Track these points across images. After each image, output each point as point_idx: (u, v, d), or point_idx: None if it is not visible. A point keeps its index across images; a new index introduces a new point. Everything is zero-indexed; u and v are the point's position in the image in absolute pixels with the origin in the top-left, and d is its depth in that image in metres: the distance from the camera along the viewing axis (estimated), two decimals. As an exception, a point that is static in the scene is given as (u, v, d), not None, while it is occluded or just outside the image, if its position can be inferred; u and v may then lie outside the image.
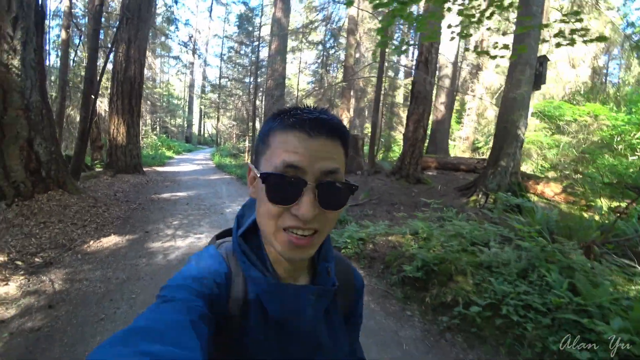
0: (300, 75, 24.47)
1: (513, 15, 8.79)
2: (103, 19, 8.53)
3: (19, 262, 3.27)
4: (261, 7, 23.65)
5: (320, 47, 20.39)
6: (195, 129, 39.30)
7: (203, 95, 34.48)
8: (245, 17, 22.73)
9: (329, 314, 0.63)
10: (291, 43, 21.19)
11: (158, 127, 27.99)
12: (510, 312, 2.57)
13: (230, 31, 29.93)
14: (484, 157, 11.03)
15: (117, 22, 8.14)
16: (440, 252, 3.50)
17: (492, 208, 5.79)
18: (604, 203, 6.73)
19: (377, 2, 2.23)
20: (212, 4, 28.74)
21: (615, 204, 6.51)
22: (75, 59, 11.80)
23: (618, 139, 10.43)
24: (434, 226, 4.16)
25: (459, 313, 2.75)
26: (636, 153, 9.51)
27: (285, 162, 0.48)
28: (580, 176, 9.08)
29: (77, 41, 11.39)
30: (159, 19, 20.28)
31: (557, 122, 11.65)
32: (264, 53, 21.07)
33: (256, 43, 20.45)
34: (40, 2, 4.70)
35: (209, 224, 5.11)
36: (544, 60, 6.93)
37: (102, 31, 11.15)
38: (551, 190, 7.52)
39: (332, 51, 20.45)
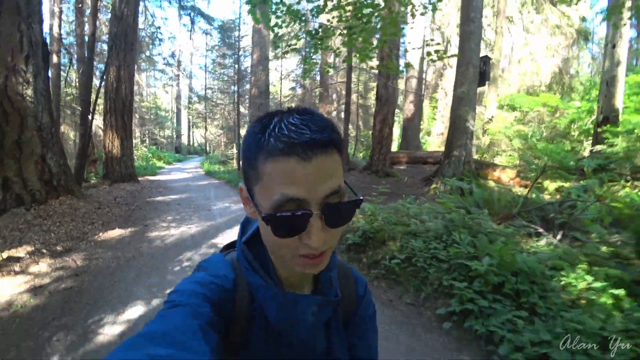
0: (284, 82, 25.37)
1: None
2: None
3: (44, 251, 4.12)
4: (239, 18, 24.41)
5: (301, 53, 21.33)
6: (184, 139, 39.81)
7: (190, 106, 35.23)
8: (227, 29, 23.62)
9: (329, 323, 0.63)
10: (273, 51, 22.12)
11: (147, 140, 28.67)
12: (419, 262, 3.50)
13: (214, 42, 30.73)
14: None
15: (107, 47, 8.95)
16: (380, 224, 4.44)
17: (450, 193, 6.77)
18: (549, 184, 7.75)
19: (288, 49, 3.15)
20: (191, 28, 29.33)
21: (559, 184, 7.53)
22: (67, 79, 12.59)
23: (574, 126, 11.51)
24: (381, 207, 5.10)
25: (385, 266, 3.68)
26: (589, 138, 10.52)
27: (285, 195, 0.45)
28: (536, 161, 10.13)
29: (64, 61, 12.20)
30: (143, 33, 21.06)
31: (519, 113, 12.76)
32: (247, 62, 21.94)
33: (240, 53, 21.24)
34: (45, 40, 5.56)
35: (198, 217, 6.01)
36: (486, 59, 7.95)
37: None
38: (507, 175, 8.56)
39: (312, 57, 21.41)
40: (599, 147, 7.59)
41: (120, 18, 8.63)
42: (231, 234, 5.01)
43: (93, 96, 7.82)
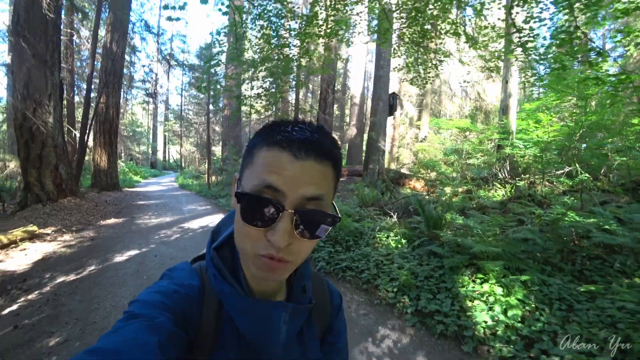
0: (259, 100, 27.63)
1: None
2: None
3: (64, 230, 6.07)
4: (214, 41, 26.76)
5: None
6: (160, 155, 40.91)
7: (167, 123, 36.83)
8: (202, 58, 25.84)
9: (303, 334, 0.62)
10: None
11: (124, 155, 30.03)
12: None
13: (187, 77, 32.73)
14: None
15: (98, 80, 10.98)
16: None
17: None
18: (448, 189, 10.25)
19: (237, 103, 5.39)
20: (168, 69, 31.47)
21: (454, 189, 10.04)
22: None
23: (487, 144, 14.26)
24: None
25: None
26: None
27: (265, 181, 0.46)
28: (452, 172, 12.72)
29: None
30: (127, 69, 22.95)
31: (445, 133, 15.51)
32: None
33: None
34: (62, 82, 7.60)
35: (171, 214, 8.06)
36: (393, 96, 10.52)
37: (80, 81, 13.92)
38: (419, 184, 11.06)
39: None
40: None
41: (111, 56, 10.73)
42: (194, 223, 7.09)
43: (90, 120, 9.81)
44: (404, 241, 4.84)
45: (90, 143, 11.98)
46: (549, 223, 4.51)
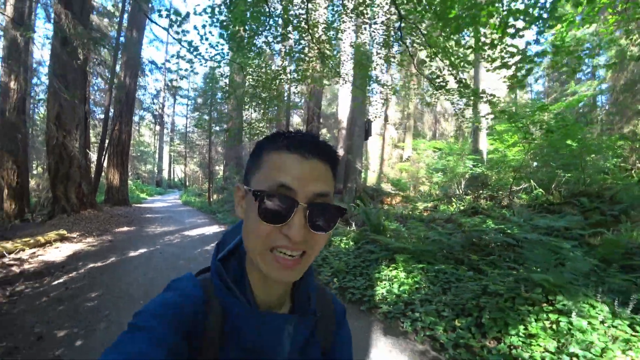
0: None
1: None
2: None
3: (86, 234, 7.44)
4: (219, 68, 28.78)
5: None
6: (165, 174, 42.52)
7: (172, 144, 38.70)
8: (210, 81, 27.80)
9: (307, 346, 0.62)
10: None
11: (131, 173, 31.67)
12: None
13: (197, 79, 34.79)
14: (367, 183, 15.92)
15: (112, 108, 12.60)
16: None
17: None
18: (420, 205, 11.57)
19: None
20: (173, 103, 33.56)
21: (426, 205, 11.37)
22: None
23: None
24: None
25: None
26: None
27: (278, 182, 0.49)
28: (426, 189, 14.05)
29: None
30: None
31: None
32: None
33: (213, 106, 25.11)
34: (87, 113, 9.15)
35: (174, 224, 9.44)
36: (368, 122, 11.99)
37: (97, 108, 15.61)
38: (395, 201, 12.38)
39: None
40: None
41: (124, 89, 12.40)
42: (193, 231, 8.45)
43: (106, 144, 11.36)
44: (351, 243, 6.13)
45: (104, 163, 13.51)
46: (466, 229, 5.83)
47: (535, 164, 10.24)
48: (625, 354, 2.27)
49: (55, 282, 4.40)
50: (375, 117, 12.26)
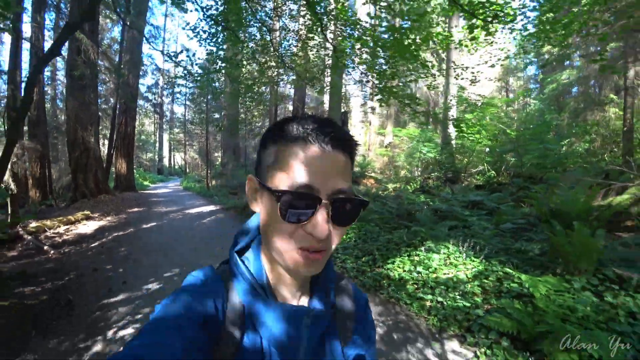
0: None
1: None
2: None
3: (105, 214, 9.09)
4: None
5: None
6: (166, 162, 43.74)
7: (172, 132, 40.12)
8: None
9: (326, 338, 0.61)
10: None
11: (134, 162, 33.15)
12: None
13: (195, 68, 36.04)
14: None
15: (118, 104, 14.09)
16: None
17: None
18: (390, 185, 13.19)
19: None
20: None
21: (395, 185, 12.98)
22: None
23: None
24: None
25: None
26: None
27: (300, 182, 0.48)
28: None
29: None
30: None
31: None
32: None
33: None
34: (99, 113, 10.67)
35: (177, 205, 11.12)
36: (345, 116, 13.48)
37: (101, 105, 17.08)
38: (370, 182, 14.02)
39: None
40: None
41: (128, 88, 13.86)
42: (192, 210, 10.10)
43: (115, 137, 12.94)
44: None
45: (113, 154, 15.11)
46: (404, 202, 7.44)
47: (487, 149, 11.80)
48: (448, 270, 3.91)
49: (93, 245, 6.07)
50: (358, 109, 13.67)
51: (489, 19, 4.05)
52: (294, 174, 0.49)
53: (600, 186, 7.14)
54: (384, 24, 6.18)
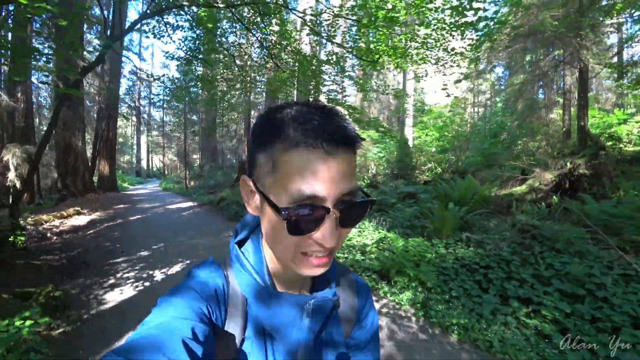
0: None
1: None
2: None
3: (94, 210, 10.26)
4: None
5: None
6: (144, 164, 43.81)
7: (150, 135, 40.62)
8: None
9: (327, 328, 0.62)
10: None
11: (112, 165, 33.62)
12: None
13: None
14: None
15: (99, 107, 15.14)
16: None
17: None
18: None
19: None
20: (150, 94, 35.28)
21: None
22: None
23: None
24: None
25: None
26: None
27: (305, 194, 0.45)
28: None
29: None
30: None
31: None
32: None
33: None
34: (84, 120, 11.78)
35: (158, 202, 12.37)
36: None
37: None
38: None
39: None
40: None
41: (110, 89, 14.94)
42: (172, 206, 11.37)
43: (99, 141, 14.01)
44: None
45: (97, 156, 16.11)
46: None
47: (433, 149, 13.61)
48: (360, 239, 5.45)
49: (88, 232, 7.34)
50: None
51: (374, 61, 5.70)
52: (297, 185, 0.45)
53: (508, 179, 9.04)
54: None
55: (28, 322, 2.59)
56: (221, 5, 5.23)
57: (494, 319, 3.14)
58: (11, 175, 7.49)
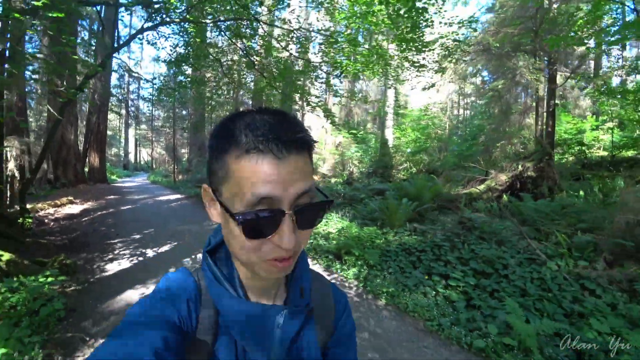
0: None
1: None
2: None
3: (84, 200, 10.88)
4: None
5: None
6: (132, 157, 43.86)
7: (138, 128, 40.73)
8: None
9: (300, 339, 0.61)
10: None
11: (99, 157, 33.72)
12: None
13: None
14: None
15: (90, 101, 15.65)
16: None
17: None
18: (333, 179, 15.67)
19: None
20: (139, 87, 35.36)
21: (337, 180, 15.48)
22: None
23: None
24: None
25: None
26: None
27: (257, 195, 0.45)
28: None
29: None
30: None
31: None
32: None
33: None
34: (77, 116, 12.34)
35: (146, 195, 13.02)
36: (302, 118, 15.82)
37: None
38: (317, 177, 16.40)
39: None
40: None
41: (101, 91, 15.46)
42: (160, 197, 12.05)
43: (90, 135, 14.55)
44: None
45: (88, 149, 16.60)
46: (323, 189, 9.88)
47: (409, 150, 14.59)
48: (326, 227, 6.30)
49: (83, 219, 8.03)
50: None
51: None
52: (251, 189, 0.45)
53: (469, 179, 10.04)
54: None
55: (50, 279, 3.37)
56: (208, 21, 5.98)
57: (415, 289, 4.03)
58: (11, 165, 8.10)
